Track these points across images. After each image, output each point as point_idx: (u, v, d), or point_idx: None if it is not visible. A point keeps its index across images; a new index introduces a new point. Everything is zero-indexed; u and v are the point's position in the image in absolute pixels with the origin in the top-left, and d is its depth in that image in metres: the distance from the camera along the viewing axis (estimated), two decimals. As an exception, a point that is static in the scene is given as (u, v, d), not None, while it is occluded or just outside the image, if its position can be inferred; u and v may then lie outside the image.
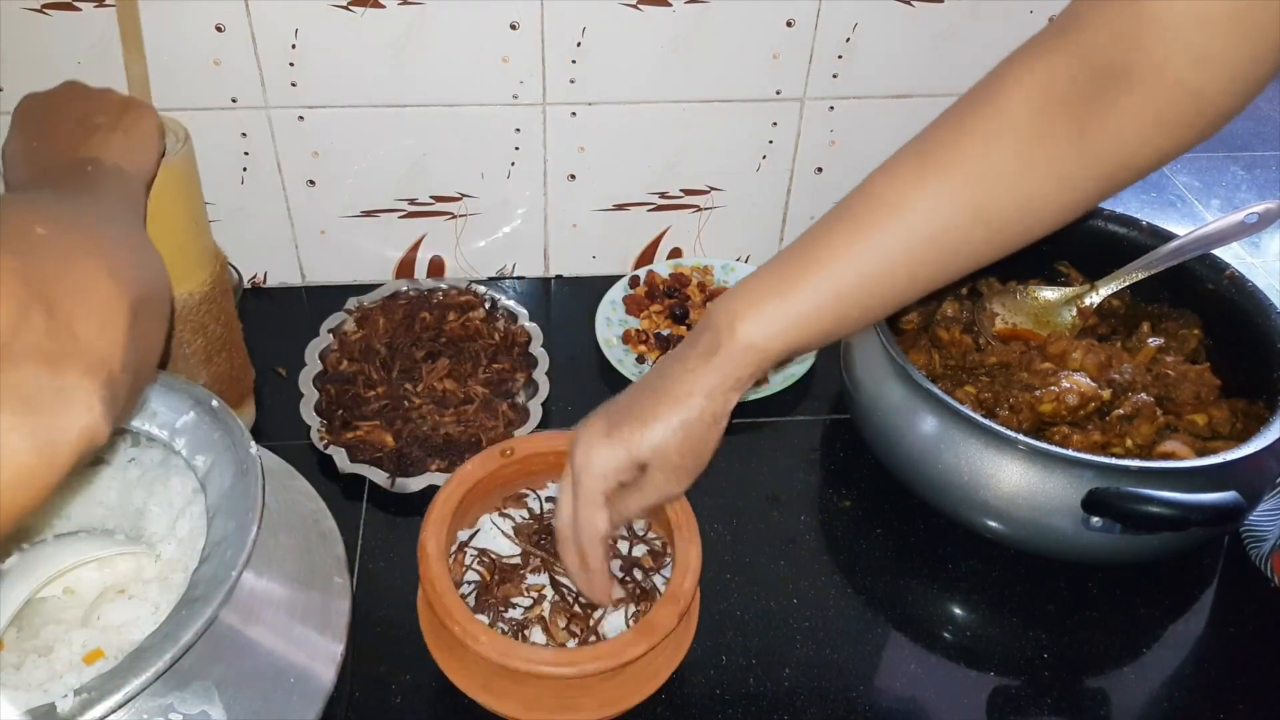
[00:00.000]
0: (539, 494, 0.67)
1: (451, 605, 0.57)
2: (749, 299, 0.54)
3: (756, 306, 0.54)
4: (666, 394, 0.55)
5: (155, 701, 0.50)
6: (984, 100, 0.52)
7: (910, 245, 0.53)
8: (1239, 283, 0.78)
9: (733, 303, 0.55)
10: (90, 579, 0.59)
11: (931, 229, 0.52)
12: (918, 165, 0.53)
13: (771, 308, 0.54)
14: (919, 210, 0.52)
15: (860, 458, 0.81)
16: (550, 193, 0.95)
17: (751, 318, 0.54)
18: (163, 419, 0.60)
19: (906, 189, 0.53)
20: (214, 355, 0.73)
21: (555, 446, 0.66)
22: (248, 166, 0.90)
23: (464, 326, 0.89)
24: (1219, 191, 1.38)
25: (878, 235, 0.53)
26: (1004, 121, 0.51)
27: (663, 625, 0.56)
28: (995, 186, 0.52)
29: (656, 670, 0.60)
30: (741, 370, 0.54)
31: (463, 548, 0.64)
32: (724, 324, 0.54)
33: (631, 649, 0.55)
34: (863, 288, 0.53)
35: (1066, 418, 0.73)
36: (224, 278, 0.73)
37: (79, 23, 0.79)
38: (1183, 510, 0.60)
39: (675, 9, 0.85)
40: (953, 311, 0.83)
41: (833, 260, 0.54)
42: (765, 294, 0.54)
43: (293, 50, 0.83)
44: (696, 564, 0.59)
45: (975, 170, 0.52)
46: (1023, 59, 0.52)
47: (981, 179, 0.52)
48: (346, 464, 0.76)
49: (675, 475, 0.57)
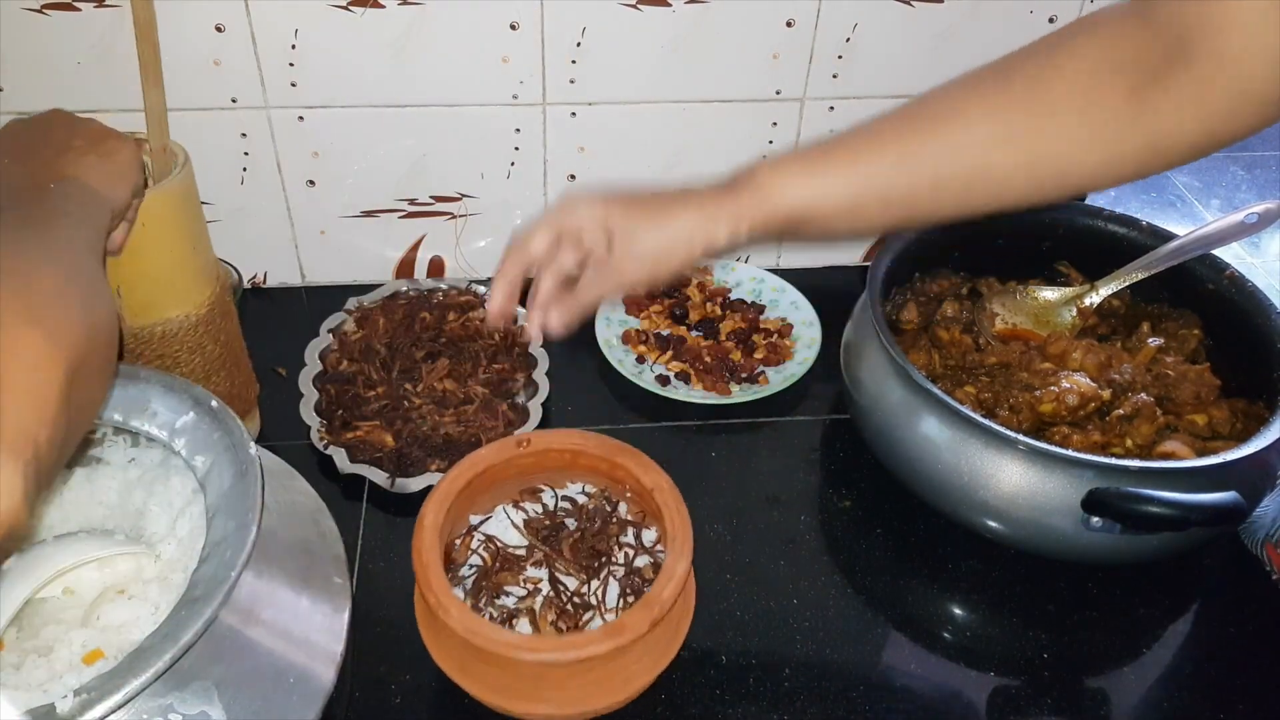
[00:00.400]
0: (556, 492, 0.68)
1: (433, 577, 0.58)
2: (782, 159, 0.57)
3: (784, 164, 0.57)
4: (667, 195, 0.57)
5: (155, 702, 0.50)
6: (1056, 50, 0.55)
7: (953, 159, 0.55)
8: (1239, 283, 0.78)
9: (767, 161, 0.57)
10: (90, 579, 0.59)
11: (976, 152, 0.55)
12: (989, 91, 0.55)
13: (798, 168, 0.56)
14: (974, 131, 0.54)
15: (860, 458, 0.81)
16: (550, 193, 0.95)
17: (776, 170, 0.56)
18: (162, 419, 0.60)
19: (970, 109, 0.55)
20: (212, 374, 0.73)
21: (573, 443, 0.67)
22: (248, 167, 0.90)
23: (464, 327, 0.89)
24: (1219, 191, 1.38)
25: (925, 139, 0.55)
26: (1070, 73, 0.53)
27: (631, 628, 0.56)
28: (1047, 129, 0.54)
29: (630, 676, 0.59)
30: (748, 208, 0.56)
31: (472, 531, 0.65)
32: (749, 172, 0.57)
33: (593, 646, 0.55)
34: (889, 180, 0.56)
35: (1066, 418, 0.73)
36: (225, 298, 0.73)
37: (79, 23, 0.79)
38: (1183, 510, 0.60)
39: (675, 9, 0.84)
40: (953, 311, 0.83)
41: (871, 148, 0.56)
42: (798, 158, 0.57)
43: (293, 50, 0.83)
44: (681, 576, 0.59)
45: (1035, 110, 0.54)
46: (1100, 19, 0.55)
47: (1039, 120, 0.54)
48: (346, 464, 0.76)
49: (632, 266, 0.57)
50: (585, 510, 0.66)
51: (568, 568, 0.63)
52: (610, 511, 0.66)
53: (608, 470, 0.66)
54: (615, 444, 0.66)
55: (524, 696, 0.58)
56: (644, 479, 0.64)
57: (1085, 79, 0.53)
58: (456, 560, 0.64)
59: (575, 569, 0.63)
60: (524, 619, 0.61)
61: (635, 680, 0.59)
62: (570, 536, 0.64)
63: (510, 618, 0.61)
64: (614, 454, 0.66)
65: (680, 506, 0.62)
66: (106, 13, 0.79)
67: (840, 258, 1.04)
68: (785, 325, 0.94)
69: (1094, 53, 0.53)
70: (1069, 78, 0.53)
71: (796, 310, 0.95)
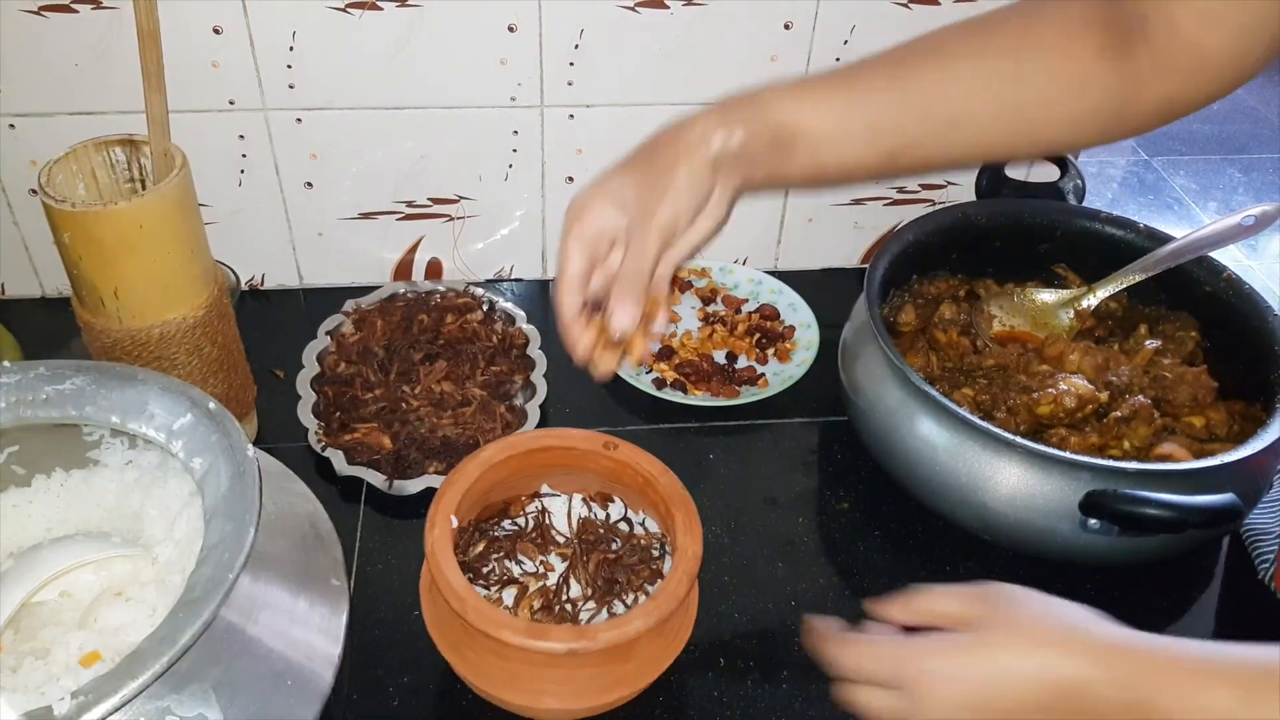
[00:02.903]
0: (627, 510, 0.68)
1: (441, 533, 0.59)
2: (783, 85, 0.58)
3: (782, 82, 0.58)
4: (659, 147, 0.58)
5: (153, 704, 0.50)
6: (1036, 8, 0.58)
7: (938, 96, 0.57)
8: (1236, 285, 0.78)
9: (766, 86, 0.59)
10: (87, 581, 0.59)
11: (958, 93, 0.57)
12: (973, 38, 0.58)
13: (792, 84, 0.58)
14: (958, 72, 0.57)
15: (858, 460, 0.81)
16: (548, 195, 0.95)
17: (771, 86, 0.58)
18: (160, 421, 0.60)
19: (955, 52, 0.58)
20: (209, 377, 0.73)
21: (647, 470, 0.65)
22: (245, 169, 0.90)
23: (462, 329, 0.89)
24: (1216, 194, 1.39)
25: (914, 74, 0.57)
26: (1046, 31, 0.57)
27: (600, 637, 0.55)
28: (1022, 78, 0.57)
29: (629, 675, 0.59)
30: (736, 112, 0.57)
31: (536, 496, 0.67)
32: (750, 95, 0.58)
33: (541, 641, 0.55)
34: (878, 108, 0.57)
35: (1064, 420, 0.73)
36: (222, 300, 0.73)
37: (76, 25, 0.79)
38: (1180, 512, 0.60)
39: (673, 11, 0.85)
40: (950, 314, 0.83)
41: (865, 72, 0.58)
42: (796, 79, 0.59)
43: (290, 52, 0.83)
44: (664, 611, 0.57)
45: (1013, 58, 0.57)
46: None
47: (1015, 68, 0.57)
48: (344, 466, 0.76)
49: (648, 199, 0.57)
50: (635, 542, 0.66)
51: (582, 578, 0.63)
52: (656, 558, 0.65)
53: (665, 512, 0.64)
54: (679, 492, 0.64)
55: (523, 689, 0.58)
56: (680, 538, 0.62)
57: (1059, 37, 0.56)
58: (510, 513, 0.67)
59: (588, 583, 0.63)
60: (512, 589, 0.62)
61: (634, 679, 0.59)
62: (604, 555, 0.64)
63: (505, 584, 0.62)
64: (672, 500, 0.63)
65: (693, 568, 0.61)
66: (104, 14, 0.79)
67: (839, 259, 1.04)
68: (786, 328, 0.94)
69: (1069, 14, 0.56)
70: (1045, 34, 0.57)
71: (795, 312, 0.95)
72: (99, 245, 0.64)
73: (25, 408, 0.61)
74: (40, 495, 0.64)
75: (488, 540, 0.65)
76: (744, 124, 0.56)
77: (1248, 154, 1.50)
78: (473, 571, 0.63)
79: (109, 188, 0.70)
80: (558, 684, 0.58)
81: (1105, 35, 0.56)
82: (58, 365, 0.63)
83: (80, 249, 0.65)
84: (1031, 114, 0.58)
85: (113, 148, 0.69)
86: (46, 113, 0.84)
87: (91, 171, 0.69)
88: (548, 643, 0.55)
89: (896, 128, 0.58)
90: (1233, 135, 1.54)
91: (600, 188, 0.57)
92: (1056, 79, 0.57)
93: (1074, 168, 0.89)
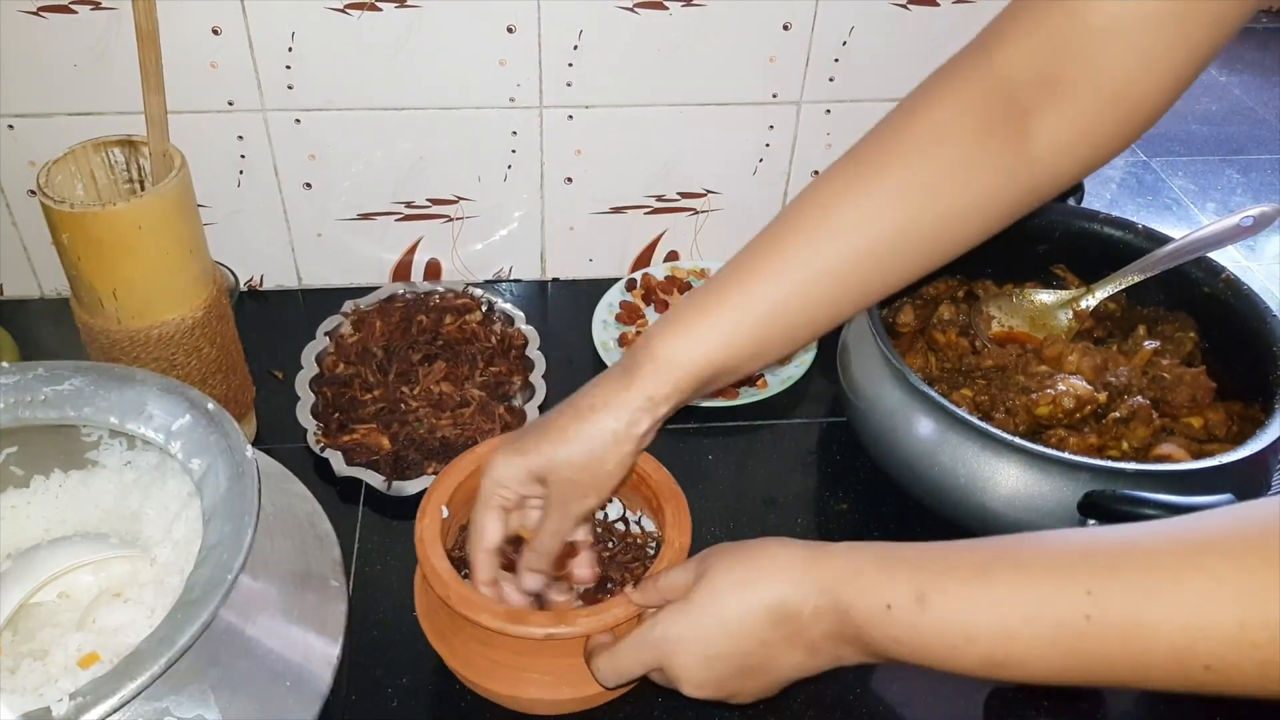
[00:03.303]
0: (625, 509, 0.68)
1: (431, 521, 0.60)
2: (670, 319, 0.54)
3: (676, 324, 0.53)
4: (573, 407, 0.54)
5: (151, 705, 0.49)
6: (909, 124, 0.53)
7: (831, 264, 0.53)
8: (1235, 286, 0.78)
9: (657, 325, 0.54)
10: (85, 582, 0.59)
11: (852, 248, 0.52)
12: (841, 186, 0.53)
13: (690, 324, 0.53)
14: (843, 228, 0.52)
15: (857, 460, 0.81)
16: (547, 196, 0.95)
17: (670, 334, 0.53)
18: (159, 422, 0.60)
19: (830, 208, 0.53)
20: (208, 377, 0.73)
21: (643, 467, 0.65)
22: (244, 169, 0.90)
23: (461, 329, 0.89)
24: (1214, 195, 1.39)
25: (802, 253, 0.53)
26: (927, 145, 0.52)
27: (579, 623, 0.56)
28: (920, 205, 0.52)
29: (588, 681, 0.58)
30: (655, 388, 0.53)
31: None
32: (643, 344, 0.54)
33: (520, 625, 0.55)
34: (785, 304, 0.53)
35: (1063, 420, 0.73)
36: (221, 301, 0.73)
37: (75, 25, 0.79)
38: (1178, 513, 0.60)
39: (671, 12, 0.85)
40: (949, 314, 0.83)
41: (754, 277, 0.53)
42: (686, 313, 0.54)
43: (289, 53, 0.83)
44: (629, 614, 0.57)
45: (900, 190, 0.52)
46: (947, 80, 0.53)
47: (906, 199, 0.52)
48: (343, 467, 0.76)
49: (572, 492, 0.55)
50: (629, 540, 0.66)
51: None
52: (650, 555, 0.65)
53: (657, 506, 0.64)
54: (669, 486, 0.64)
55: (506, 678, 0.58)
56: (669, 530, 0.62)
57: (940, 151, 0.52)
58: None
59: None
60: None
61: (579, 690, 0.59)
62: (600, 553, 0.64)
63: None
64: (663, 494, 0.64)
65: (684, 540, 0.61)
66: (103, 15, 0.79)
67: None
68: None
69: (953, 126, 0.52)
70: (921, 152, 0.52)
71: (793, 313, 0.95)
72: (98, 246, 0.64)
73: (24, 408, 0.61)
74: (39, 496, 0.64)
75: None
76: (665, 397, 0.53)
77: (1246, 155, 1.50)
78: (468, 566, 0.63)
79: (108, 188, 0.70)
80: (541, 673, 0.59)
81: (1012, 136, 0.51)
82: (56, 366, 0.63)
83: (79, 250, 0.65)
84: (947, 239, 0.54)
85: (111, 148, 0.70)
86: (45, 113, 0.84)
87: (90, 172, 0.69)
88: (526, 627, 0.55)
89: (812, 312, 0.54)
90: (1231, 136, 1.54)
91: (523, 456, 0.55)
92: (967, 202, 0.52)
93: (1072, 169, 0.89)
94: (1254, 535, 0.39)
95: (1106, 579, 0.41)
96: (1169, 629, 0.39)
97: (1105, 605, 0.41)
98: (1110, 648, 0.41)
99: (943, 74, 0.54)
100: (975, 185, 0.52)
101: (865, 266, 0.53)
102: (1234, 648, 0.38)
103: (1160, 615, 0.40)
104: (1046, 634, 0.42)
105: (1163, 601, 0.40)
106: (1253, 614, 0.38)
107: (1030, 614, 0.43)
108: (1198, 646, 0.39)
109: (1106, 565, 0.42)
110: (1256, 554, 0.38)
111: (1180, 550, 0.41)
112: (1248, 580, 0.38)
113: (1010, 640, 0.43)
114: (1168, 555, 0.41)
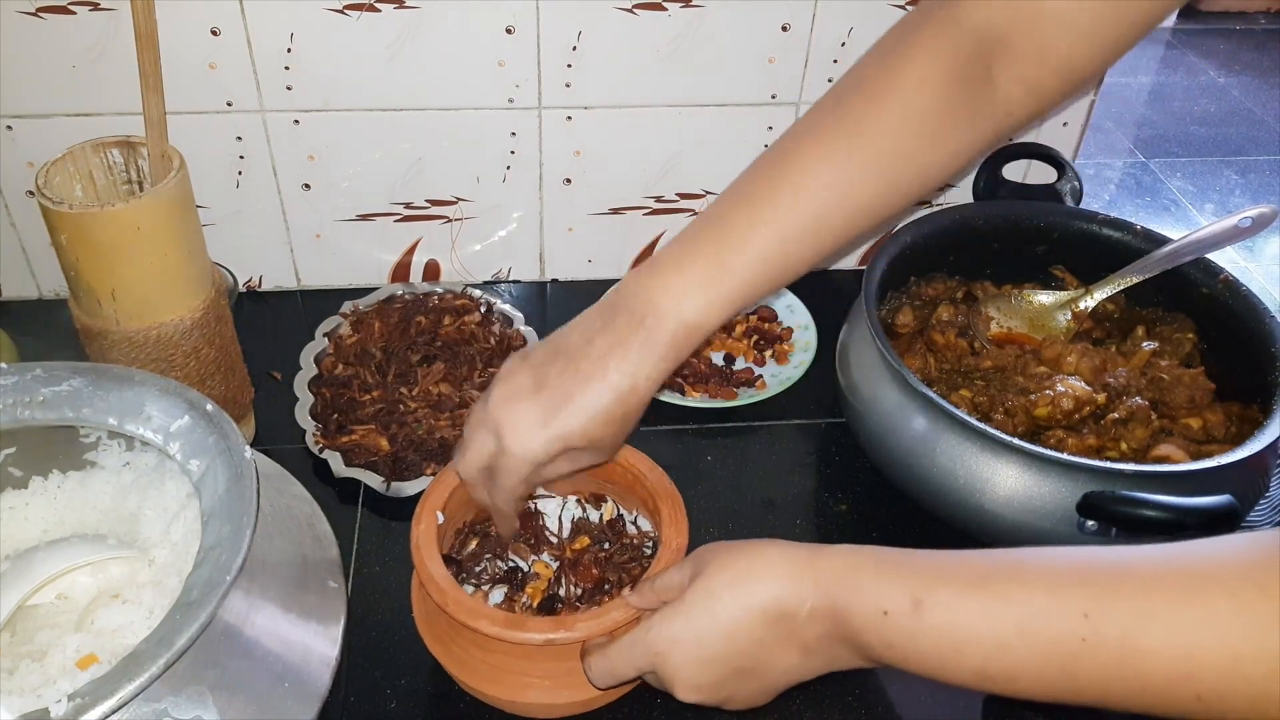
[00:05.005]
0: (620, 509, 0.68)
1: (426, 527, 0.60)
2: (673, 268, 0.55)
3: (683, 277, 0.55)
4: (595, 378, 0.55)
5: (149, 706, 0.49)
6: (882, 81, 0.57)
7: (821, 213, 0.56)
8: (1233, 287, 0.79)
9: (654, 280, 0.55)
10: (84, 584, 0.59)
11: (840, 198, 0.56)
12: (829, 142, 0.56)
13: (704, 282, 0.55)
14: (825, 180, 0.56)
15: (856, 461, 0.81)
16: (546, 197, 0.95)
17: (685, 294, 0.54)
18: (157, 423, 0.60)
19: (816, 165, 0.56)
20: (207, 378, 0.73)
21: (639, 467, 0.65)
22: (243, 170, 0.90)
23: (459, 330, 0.89)
24: (1213, 196, 1.39)
25: (799, 203, 0.55)
26: (905, 102, 0.56)
27: (578, 627, 0.55)
28: (897, 162, 0.56)
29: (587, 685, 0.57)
30: (679, 349, 0.55)
31: (529, 497, 0.67)
32: (647, 306, 0.54)
33: (519, 632, 0.55)
34: (786, 252, 0.56)
35: (1061, 421, 0.73)
36: (220, 302, 0.73)
37: (74, 26, 0.79)
38: (1177, 514, 0.60)
39: (670, 13, 0.85)
40: (948, 315, 0.83)
41: (757, 229, 0.55)
42: (694, 264, 0.55)
43: (288, 54, 0.83)
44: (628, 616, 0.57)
45: (879, 148, 0.56)
46: (919, 29, 0.57)
47: (884, 157, 0.56)
48: (342, 468, 0.76)
49: (601, 451, 0.58)
50: (626, 541, 0.66)
51: (577, 578, 0.63)
52: (647, 556, 0.65)
53: (654, 507, 0.64)
54: (665, 486, 0.64)
55: (506, 683, 0.58)
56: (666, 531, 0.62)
57: (929, 112, 0.56)
58: None
59: (577, 582, 0.63)
60: (501, 589, 0.62)
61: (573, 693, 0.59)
62: (595, 554, 0.64)
63: (495, 583, 0.62)
64: (659, 494, 0.64)
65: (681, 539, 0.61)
66: (102, 16, 0.79)
67: (836, 261, 1.04)
68: (783, 330, 0.94)
69: (927, 83, 0.56)
70: (914, 114, 0.56)
71: (792, 314, 0.95)
72: (96, 247, 0.64)
73: (22, 409, 0.61)
74: (37, 497, 0.64)
75: (480, 539, 0.65)
76: (676, 360, 0.55)
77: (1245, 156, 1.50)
78: (465, 570, 0.63)
79: (106, 189, 0.70)
80: (540, 677, 0.59)
81: (975, 94, 0.56)
82: (55, 367, 0.63)
83: (77, 250, 0.65)
84: (919, 186, 0.58)
85: (110, 149, 0.69)
86: (44, 114, 0.84)
87: (89, 173, 0.69)
88: (525, 633, 0.55)
89: (809, 253, 0.56)
90: (1230, 137, 1.54)
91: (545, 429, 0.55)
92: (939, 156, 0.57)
93: (1071, 170, 0.89)
94: (1253, 568, 0.39)
95: (1104, 601, 0.42)
96: (1163, 657, 0.40)
97: (1101, 628, 0.41)
98: (1103, 670, 0.41)
99: (913, 23, 0.58)
100: (946, 145, 0.57)
101: (851, 214, 0.57)
102: (1227, 680, 0.38)
103: (1155, 642, 0.40)
104: (1040, 650, 0.43)
105: (1158, 629, 0.40)
106: (1247, 648, 0.38)
107: (1025, 629, 0.43)
108: (1191, 676, 0.39)
109: (1105, 587, 0.42)
110: (1254, 588, 0.39)
111: (1179, 579, 0.41)
112: (1244, 614, 0.38)
113: (1003, 653, 0.43)
114: (1166, 582, 0.41)
